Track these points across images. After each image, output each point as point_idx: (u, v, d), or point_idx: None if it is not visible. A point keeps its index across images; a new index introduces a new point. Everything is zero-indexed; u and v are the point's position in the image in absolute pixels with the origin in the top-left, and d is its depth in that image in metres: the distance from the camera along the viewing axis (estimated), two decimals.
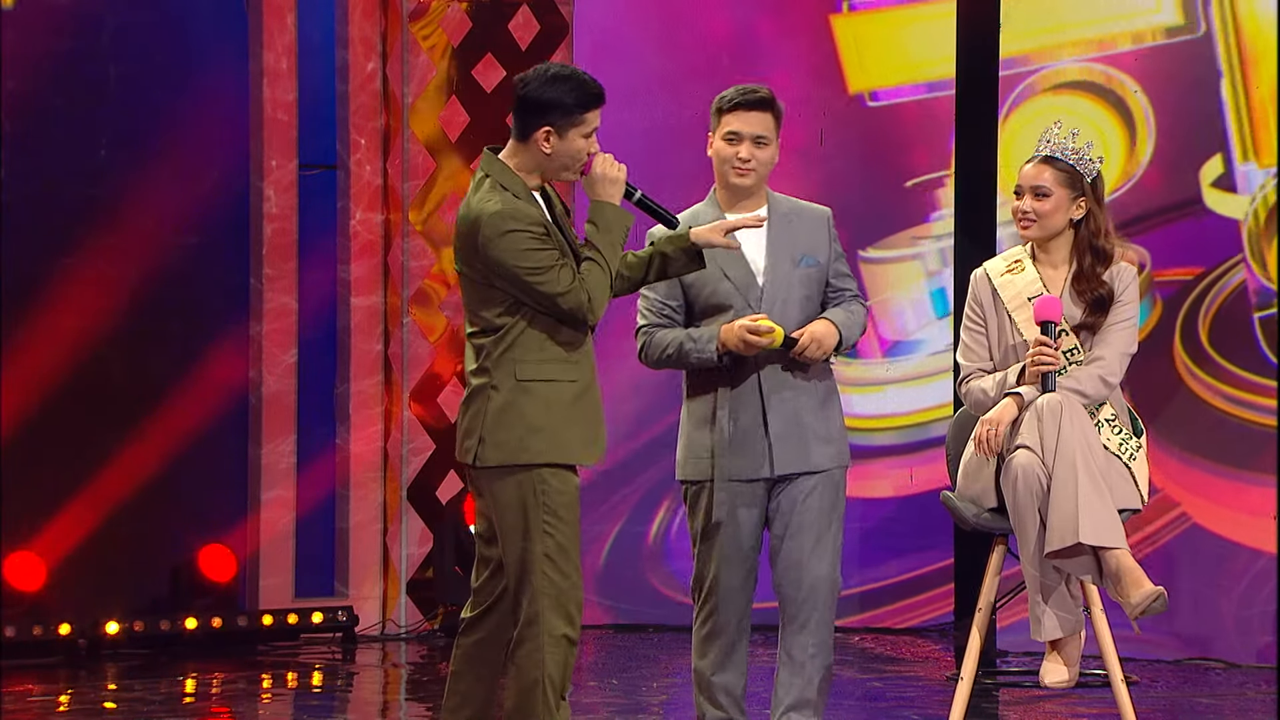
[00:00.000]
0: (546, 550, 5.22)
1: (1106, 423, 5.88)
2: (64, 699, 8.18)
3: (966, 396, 6.01)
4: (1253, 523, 8.66)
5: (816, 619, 5.89)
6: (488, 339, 5.25)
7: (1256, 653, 8.68)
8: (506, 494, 5.24)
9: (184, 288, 9.58)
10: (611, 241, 5.29)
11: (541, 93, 5.22)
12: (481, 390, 5.26)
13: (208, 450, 9.58)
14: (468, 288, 5.29)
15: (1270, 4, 8.62)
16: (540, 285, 5.18)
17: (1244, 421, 8.71)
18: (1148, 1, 8.88)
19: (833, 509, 5.88)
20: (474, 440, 5.26)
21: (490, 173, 5.27)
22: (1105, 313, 5.92)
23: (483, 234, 5.18)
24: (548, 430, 5.22)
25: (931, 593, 9.77)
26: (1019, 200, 5.96)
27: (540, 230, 5.19)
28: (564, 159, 5.27)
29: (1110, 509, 5.70)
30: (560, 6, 10.14)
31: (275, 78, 9.70)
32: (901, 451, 9.81)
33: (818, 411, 5.87)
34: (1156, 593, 5.61)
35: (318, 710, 8.29)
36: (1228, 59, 8.73)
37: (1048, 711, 7.77)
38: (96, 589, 9.29)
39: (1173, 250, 8.82)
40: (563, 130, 5.24)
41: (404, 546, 9.95)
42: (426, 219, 10.00)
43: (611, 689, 8.45)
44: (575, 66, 5.32)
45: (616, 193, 5.33)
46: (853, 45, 9.94)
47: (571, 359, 5.27)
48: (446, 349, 10.01)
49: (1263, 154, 8.71)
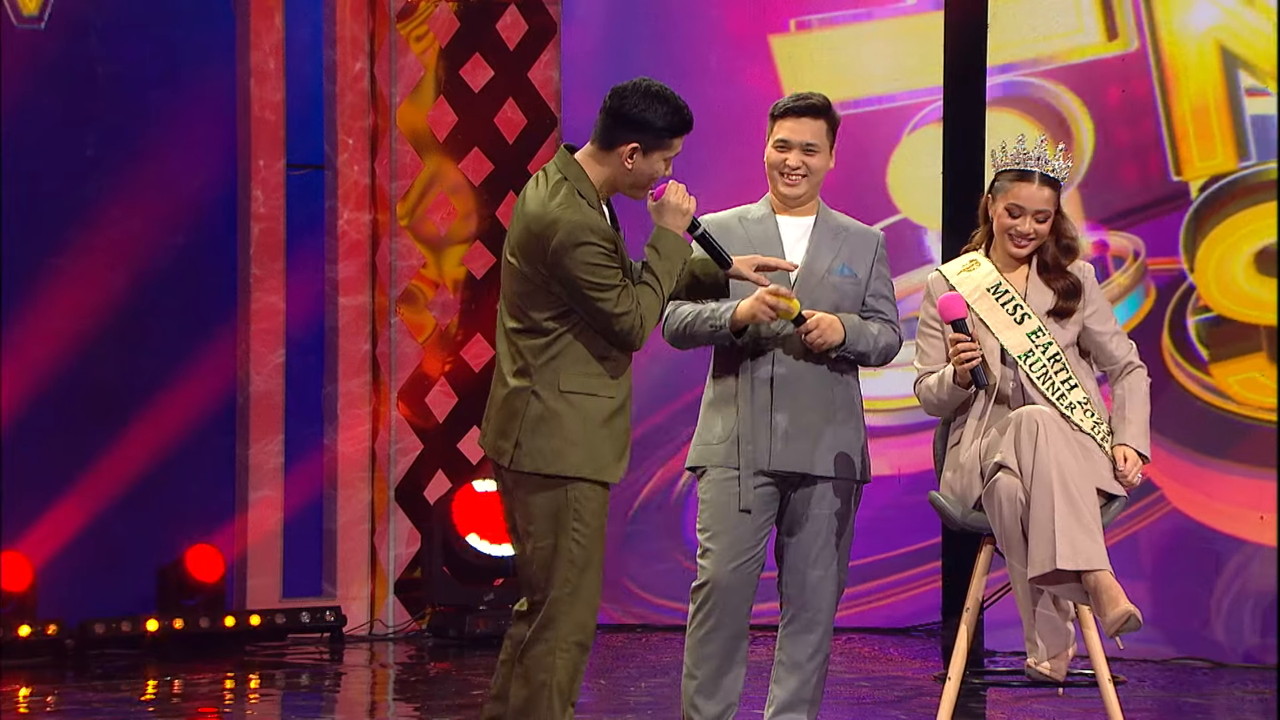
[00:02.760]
0: (571, 556, 5.21)
1: (1079, 405, 5.89)
2: (51, 699, 8.17)
3: (919, 398, 6.03)
4: (1240, 515, 8.69)
5: (818, 621, 5.89)
6: (533, 340, 5.22)
7: (1243, 652, 8.70)
8: (539, 501, 5.22)
9: (171, 287, 9.57)
10: (669, 270, 5.27)
11: (637, 109, 5.19)
12: (521, 393, 5.23)
13: (195, 450, 9.57)
14: (519, 283, 5.23)
15: (1190, 23, 8.71)
16: (601, 302, 5.15)
17: (1230, 413, 8.74)
18: (1070, 22, 8.94)
19: (843, 517, 5.86)
20: (509, 443, 5.24)
21: (568, 175, 5.23)
22: (1076, 300, 5.94)
23: (557, 239, 5.13)
24: (585, 445, 5.20)
25: (922, 568, 9.76)
26: (1015, 220, 5.94)
27: (611, 247, 5.17)
28: (640, 178, 5.25)
29: (1088, 528, 5.69)
30: (548, 6, 10.14)
31: (263, 77, 9.69)
32: (892, 434, 9.82)
33: (831, 419, 5.83)
34: (1128, 614, 5.62)
35: (305, 710, 8.29)
36: (1156, 76, 8.81)
37: (1035, 711, 7.77)
38: (84, 589, 9.28)
39: (1166, 240, 8.86)
40: (648, 150, 5.21)
41: (391, 547, 9.94)
42: (414, 218, 9.99)
43: (599, 689, 8.45)
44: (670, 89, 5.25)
45: (683, 224, 5.31)
46: (788, 63, 9.92)
47: (614, 375, 5.25)
48: (434, 349, 10.01)
49: (1184, 168, 8.78)
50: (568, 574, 5.20)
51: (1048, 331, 5.93)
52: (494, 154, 10.08)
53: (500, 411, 5.27)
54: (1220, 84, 8.70)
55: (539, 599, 5.23)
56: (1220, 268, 8.72)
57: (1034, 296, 5.96)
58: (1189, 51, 8.75)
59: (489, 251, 10.06)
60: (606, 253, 5.15)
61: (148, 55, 9.54)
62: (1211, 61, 8.72)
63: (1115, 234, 8.96)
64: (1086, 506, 5.71)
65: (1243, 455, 8.70)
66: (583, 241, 5.13)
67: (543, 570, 5.21)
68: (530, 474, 5.21)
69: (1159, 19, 8.79)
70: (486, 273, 10.06)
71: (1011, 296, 5.95)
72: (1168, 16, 8.79)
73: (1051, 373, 5.90)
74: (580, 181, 5.22)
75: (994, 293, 5.96)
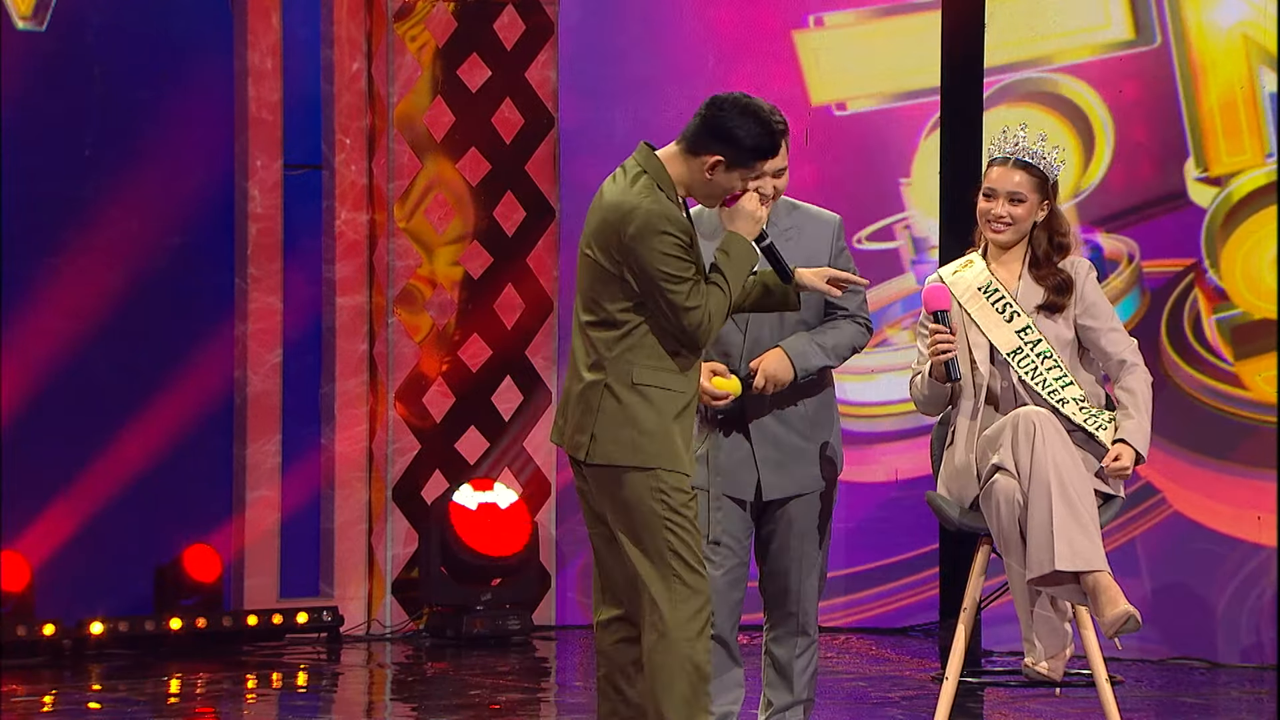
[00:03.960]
0: (673, 546, 5.20)
1: (1073, 400, 5.89)
2: (48, 699, 8.17)
3: (911, 395, 6.06)
4: (1238, 515, 8.69)
5: (807, 625, 5.91)
6: (607, 333, 5.23)
7: (1240, 652, 8.70)
8: (623, 493, 5.22)
9: (168, 287, 9.56)
10: (737, 275, 5.28)
11: (731, 124, 5.20)
12: (595, 387, 5.23)
13: (192, 450, 9.56)
14: (595, 274, 5.25)
15: (1217, 17, 8.71)
16: (672, 294, 5.16)
17: (1228, 414, 8.74)
18: (1097, 17, 8.94)
19: (824, 519, 5.88)
20: (585, 436, 5.23)
21: (649, 170, 5.24)
22: (1067, 295, 5.95)
23: (635, 226, 5.15)
24: (660, 434, 5.20)
25: (922, 574, 9.77)
26: (990, 203, 5.97)
27: (687, 240, 5.18)
28: (717, 189, 5.26)
29: (1086, 529, 5.70)
30: (546, 6, 10.13)
31: (260, 77, 9.69)
32: (892, 439, 9.83)
33: (808, 431, 5.84)
34: (1127, 614, 5.62)
35: (303, 711, 8.29)
36: (1181, 71, 8.80)
37: (1032, 711, 7.77)
38: (81, 589, 9.27)
39: (1161, 241, 8.87)
40: (730, 166, 5.22)
41: (389, 547, 9.94)
42: (412, 219, 9.99)
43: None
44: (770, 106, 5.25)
45: (753, 231, 5.32)
46: (812, 58, 9.93)
47: (684, 370, 5.26)
48: (432, 349, 10.01)
49: (1212, 164, 8.77)
50: (671, 563, 5.19)
51: (1037, 329, 5.93)
52: (491, 154, 10.08)
53: (576, 406, 5.27)
54: (1247, 79, 8.69)
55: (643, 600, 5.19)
56: (1247, 263, 8.70)
57: (1025, 293, 5.97)
58: (1217, 47, 8.73)
59: (486, 251, 10.06)
60: (682, 245, 5.17)
61: (145, 55, 9.54)
62: (1239, 56, 8.70)
63: (1109, 236, 8.96)
64: (1085, 507, 5.71)
65: (1241, 456, 8.70)
66: (661, 230, 5.15)
67: (644, 563, 5.20)
68: (609, 466, 5.21)
69: (1186, 14, 8.78)
70: (484, 273, 10.06)
71: (1002, 295, 5.96)
72: (1196, 11, 8.77)
73: (1043, 369, 5.90)
74: (660, 177, 5.23)
75: (985, 291, 5.97)
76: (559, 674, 9.20)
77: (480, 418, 10.07)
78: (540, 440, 10.08)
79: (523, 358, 10.11)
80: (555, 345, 10.14)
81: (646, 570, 5.20)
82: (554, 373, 10.11)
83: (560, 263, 10.13)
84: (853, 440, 9.89)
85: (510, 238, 10.10)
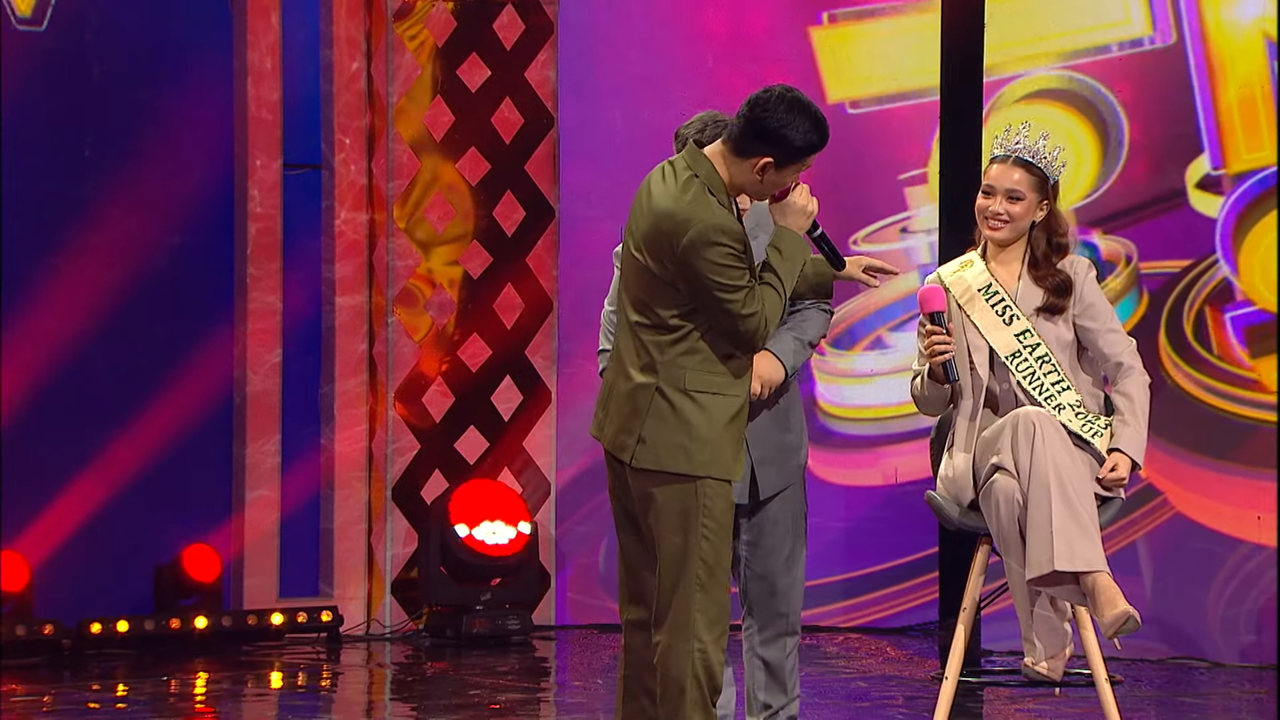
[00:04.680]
0: (702, 554, 5.19)
1: (1070, 406, 5.89)
2: (48, 699, 8.17)
3: (911, 396, 6.07)
4: (1238, 515, 8.69)
5: (792, 624, 5.91)
6: (659, 336, 5.19)
7: (1240, 651, 8.70)
8: (665, 498, 5.20)
9: (168, 287, 9.56)
10: (790, 271, 5.24)
11: (779, 124, 5.13)
12: (645, 389, 5.19)
13: (192, 450, 9.56)
14: (645, 278, 5.20)
15: (1236, 13, 8.70)
16: (729, 303, 5.12)
17: (1228, 414, 8.74)
18: (1116, 13, 8.94)
19: (800, 517, 5.88)
20: (632, 439, 5.20)
21: (699, 173, 5.19)
22: (1066, 297, 5.94)
23: (689, 237, 5.10)
24: (711, 442, 5.18)
25: (920, 579, 9.77)
26: (988, 200, 5.97)
27: (741, 248, 5.14)
28: (769, 188, 5.22)
29: (1086, 529, 5.69)
30: (545, 6, 10.13)
31: (259, 77, 9.69)
32: (891, 441, 9.83)
33: (784, 425, 5.86)
34: (1127, 615, 5.62)
35: (302, 710, 8.29)
36: (1197, 67, 8.79)
37: (1032, 711, 7.78)
38: (80, 589, 9.27)
39: (1159, 242, 8.87)
40: (781, 165, 5.17)
41: (388, 546, 9.94)
42: (411, 219, 9.99)
43: (597, 688, 8.45)
44: (809, 99, 5.19)
45: (805, 225, 5.29)
46: (830, 54, 9.95)
47: (737, 375, 5.23)
48: (431, 349, 10.01)
49: (1231, 161, 8.77)
50: (699, 572, 5.18)
51: (1036, 332, 5.93)
52: (491, 154, 10.08)
53: (624, 406, 5.23)
54: (1266, 76, 8.69)
55: (668, 602, 5.20)
56: (1266, 261, 8.70)
57: (1025, 295, 5.96)
58: (1236, 43, 8.72)
59: (486, 251, 10.06)
60: (736, 254, 5.12)
61: (145, 55, 9.54)
62: (1258, 53, 8.70)
63: (1106, 238, 8.96)
64: (1084, 508, 5.71)
65: (1241, 456, 8.70)
66: (714, 242, 5.10)
67: (673, 568, 5.19)
68: (655, 471, 5.19)
69: (1205, 10, 8.77)
70: (483, 272, 10.06)
71: (1002, 298, 5.95)
72: (1215, 7, 8.76)
73: (1040, 374, 5.90)
74: (711, 180, 5.18)
75: (984, 293, 5.96)
76: (559, 674, 9.20)
77: (480, 417, 10.07)
78: (540, 440, 10.08)
79: (522, 357, 10.11)
80: (555, 345, 10.14)
81: (674, 574, 5.19)
82: (553, 372, 10.11)
83: (560, 262, 10.13)
84: (852, 443, 9.90)
85: (510, 237, 10.10)
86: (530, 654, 9.48)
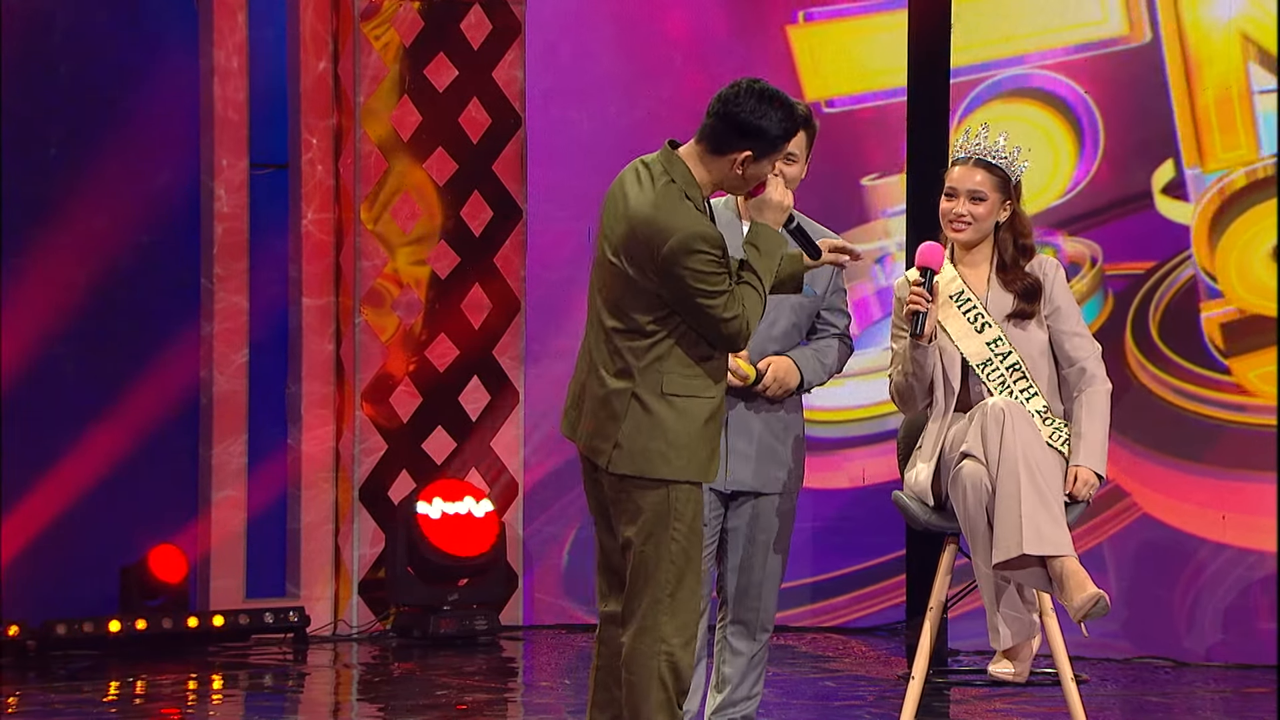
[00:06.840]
0: (671, 557, 5.19)
1: (1038, 414, 5.90)
2: (13, 700, 8.14)
3: (891, 394, 6.07)
4: (1202, 514, 8.72)
5: (767, 621, 5.95)
6: (635, 341, 5.17)
7: (1206, 651, 8.73)
8: (641, 502, 5.20)
9: (134, 287, 9.54)
10: (769, 267, 5.23)
11: (754, 116, 5.11)
12: (621, 394, 5.17)
13: (158, 450, 9.54)
14: (621, 283, 5.18)
15: (1214, 13, 8.72)
16: (710, 309, 5.12)
17: (1194, 415, 8.77)
18: (1094, 12, 8.96)
19: (786, 528, 5.92)
20: (608, 444, 5.19)
21: (675, 177, 5.16)
22: (1036, 301, 5.95)
23: (669, 246, 5.08)
24: (687, 447, 5.17)
25: (886, 582, 9.79)
26: (951, 203, 5.98)
27: (720, 253, 5.12)
28: (750, 182, 5.20)
29: (1054, 515, 5.70)
30: (513, 6, 10.12)
31: (226, 76, 9.66)
32: (859, 444, 9.84)
33: (781, 436, 5.88)
34: (1097, 596, 5.62)
35: (269, 711, 8.27)
36: (1173, 66, 8.81)
37: (999, 711, 7.79)
38: (45, 590, 9.24)
39: (1124, 244, 8.89)
40: (760, 157, 5.16)
41: (355, 547, 9.93)
42: (378, 219, 9.97)
43: (564, 688, 8.45)
44: (776, 88, 5.16)
45: (781, 219, 5.28)
46: (808, 54, 9.96)
47: (714, 376, 5.22)
48: (399, 349, 9.99)
49: (1207, 160, 8.79)
50: (668, 575, 5.18)
51: (1008, 340, 5.94)
52: (458, 154, 10.07)
53: (599, 410, 5.22)
54: (1243, 74, 8.71)
55: (636, 605, 5.21)
56: (1242, 260, 8.72)
57: (995, 301, 5.97)
58: (1213, 42, 8.74)
59: (453, 251, 10.05)
60: (716, 259, 5.11)
61: (110, 53, 9.51)
62: (1235, 51, 8.72)
63: (1071, 239, 8.98)
64: (1053, 496, 5.72)
65: (1207, 456, 8.73)
66: (696, 250, 5.08)
67: (642, 571, 5.20)
68: (631, 476, 5.18)
69: (1182, 9, 8.79)
70: (450, 272, 10.05)
71: (974, 305, 5.96)
72: (1192, 5, 8.78)
73: (1010, 382, 5.91)
74: (688, 184, 5.16)
75: (956, 300, 5.97)
76: (526, 674, 9.19)
77: (447, 418, 10.06)
78: (508, 440, 10.08)
79: (490, 357, 10.10)
80: (522, 345, 10.13)
81: (646, 574, 5.20)
82: (521, 372, 10.10)
83: (527, 262, 10.12)
84: (820, 445, 9.90)
85: (477, 238, 10.10)
86: (498, 654, 9.47)
